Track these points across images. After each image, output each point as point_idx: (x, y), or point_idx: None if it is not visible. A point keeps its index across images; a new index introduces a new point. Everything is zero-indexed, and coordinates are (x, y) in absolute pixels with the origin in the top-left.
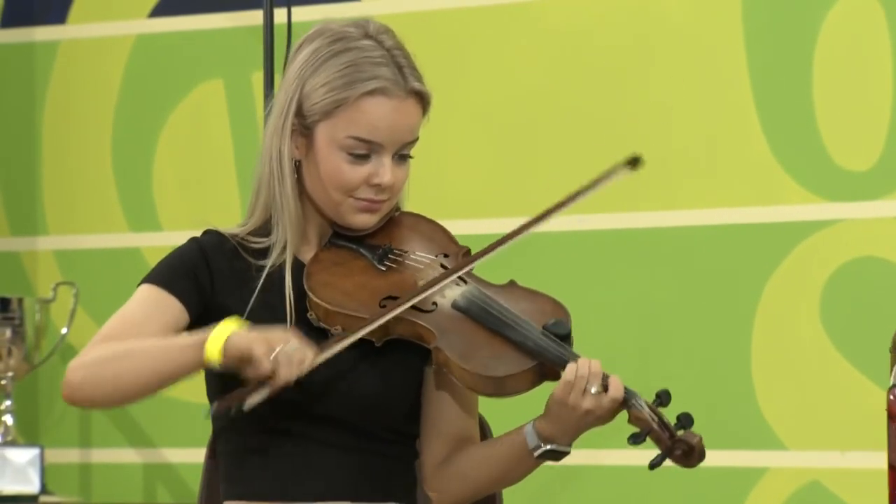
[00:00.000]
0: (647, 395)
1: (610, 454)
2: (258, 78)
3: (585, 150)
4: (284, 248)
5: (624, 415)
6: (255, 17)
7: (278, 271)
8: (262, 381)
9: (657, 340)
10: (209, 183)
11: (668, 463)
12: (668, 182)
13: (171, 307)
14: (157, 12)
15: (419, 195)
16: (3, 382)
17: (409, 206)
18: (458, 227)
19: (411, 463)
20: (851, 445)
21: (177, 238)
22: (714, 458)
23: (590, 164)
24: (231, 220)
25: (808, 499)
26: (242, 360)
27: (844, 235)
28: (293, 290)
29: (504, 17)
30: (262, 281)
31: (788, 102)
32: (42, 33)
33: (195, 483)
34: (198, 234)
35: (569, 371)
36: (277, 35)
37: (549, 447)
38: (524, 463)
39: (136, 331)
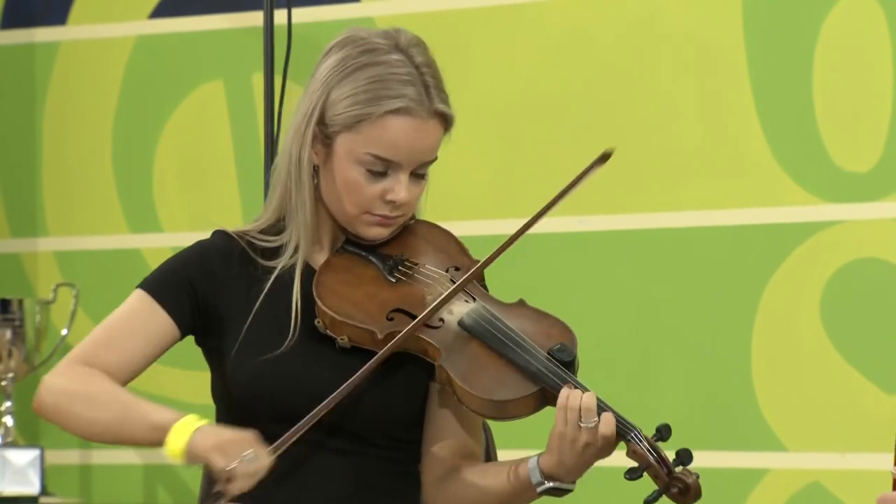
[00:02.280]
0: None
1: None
2: (258, 79)
3: (585, 150)
4: (296, 250)
5: None
6: (256, 18)
7: (288, 274)
8: (214, 497)
9: (657, 341)
10: (209, 184)
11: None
12: (668, 182)
13: (159, 322)
14: (157, 13)
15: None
16: (4, 383)
17: None
18: (459, 228)
19: (412, 467)
20: (852, 447)
21: (177, 239)
22: (714, 459)
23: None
24: (231, 220)
25: (808, 500)
26: (201, 463)
27: (845, 237)
28: (301, 295)
29: (504, 17)
30: (269, 284)
31: (788, 103)
32: (42, 34)
33: (195, 484)
34: (206, 234)
35: (561, 397)
36: (277, 36)
37: (552, 484)
38: (525, 496)
39: (118, 350)
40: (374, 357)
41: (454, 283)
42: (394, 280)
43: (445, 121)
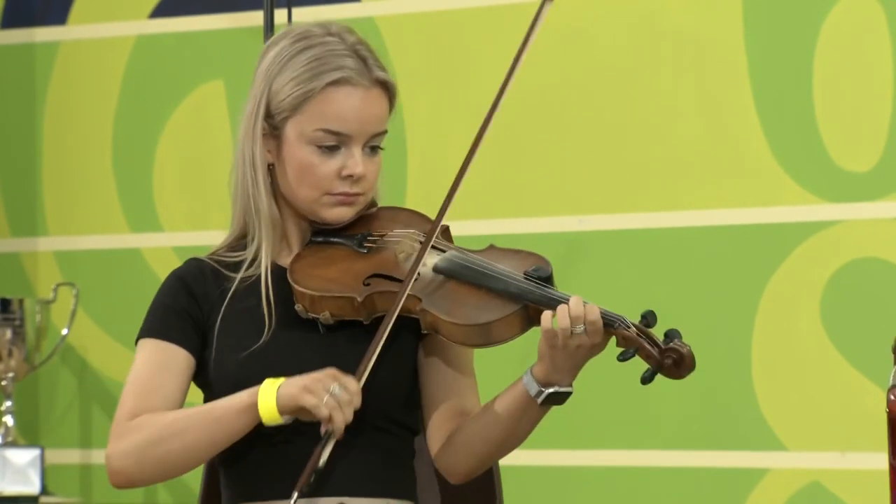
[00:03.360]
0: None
1: (610, 454)
2: None
3: (585, 149)
4: (257, 252)
5: (623, 418)
6: (256, 17)
7: (257, 277)
8: (324, 435)
9: None
10: (209, 183)
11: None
12: (668, 182)
13: (177, 357)
14: (157, 13)
15: (420, 195)
16: (4, 383)
17: (410, 205)
18: (458, 228)
19: (410, 459)
20: (852, 446)
21: (177, 238)
22: (714, 458)
23: (590, 164)
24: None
25: (808, 500)
26: (300, 414)
27: (845, 236)
28: (276, 295)
29: (504, 17)
30: (234, 285)
31: (788, 102)
32: (42, 34)
33: (195, 484)
34: (206, 234)
35: (546, 320)
36: None
37: (551, 390)
38: (529, 414)
39: (159, 395)
40: (381, 323)
41: (422, 240)
42: (364, 251)
43: (388, 90)
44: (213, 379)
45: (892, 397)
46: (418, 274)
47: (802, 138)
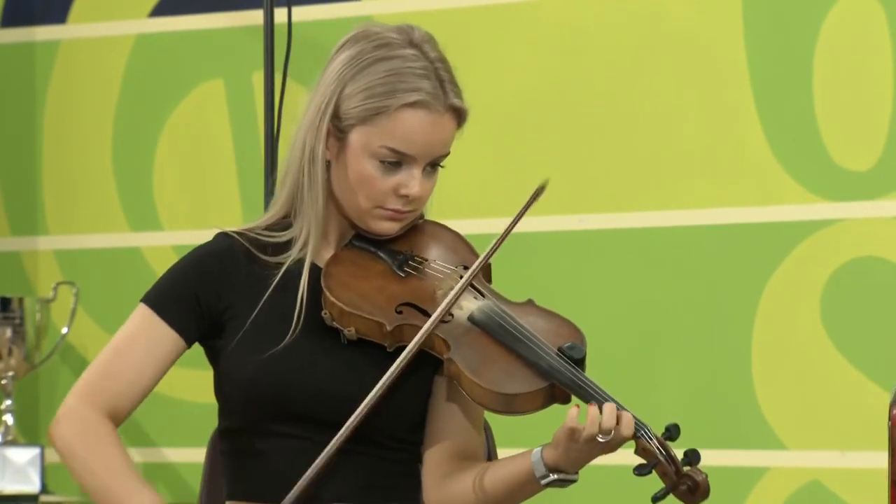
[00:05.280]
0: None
1: (610, 454)
2: (258, 78)
3: (585, 149)
4: (305, 244)
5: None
6: (256, 17)
7: (294, 270)
8: None
9: (657, 340)
10: (209, 183)
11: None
12: (668, 182)
13: (164, 337)
14: (157, 12)
15: None
16: (4, 382)
17: None
18: (457, 227)
19: (415, 468)
20: (851, 445)
21: (177, 237)
22: (714, 457)
23: (590, 163)
24: (231, 220)
25: (808, 499)
26: None
27: (844, 235)
28: (308, 292)
29: (504, 16)
30: (277, 279)
31: (788, 102)
32: (42, 33)
33: (195, 483)
34: (207, 233)
35: (572, 417)
36: (278, 35)
37: (556, 476)
38: (529, 489)
39: (126, 372)
40: (402, 355)
41: (463, 279)
42: (403, 275)
43: (459, 115)
44: (225, 372)
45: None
46: (451, 316)
47: (802, 137)
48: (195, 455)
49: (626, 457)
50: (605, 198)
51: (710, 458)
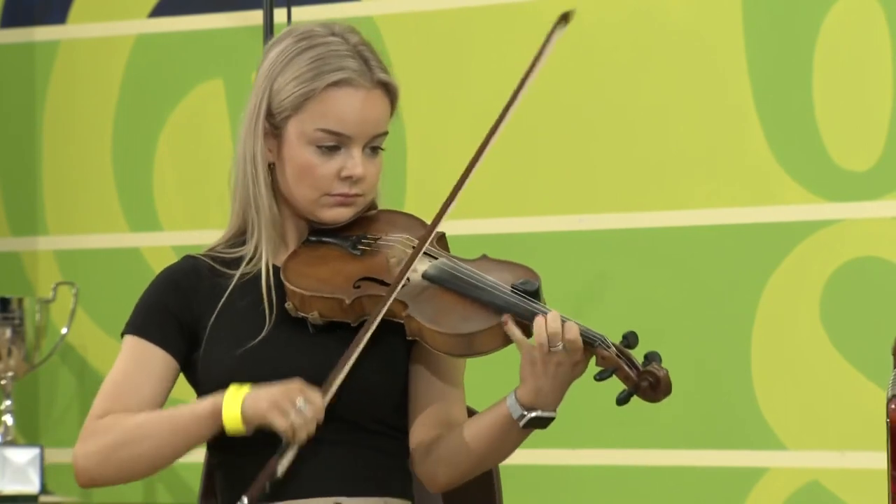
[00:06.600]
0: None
1: (610, 453)
2: None
3: (585, 149)
4: (257, 249)
5: (623, 418)
6: (255, 17)
7: (255, 274)
8: (284, 446)
9: (657, 340)
10: (209, 183)
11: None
12: (668, 182)
13: (156, 359)
14: (157, 12)
15: (419, 196)
16: (3, 382)
17: (409, 206)
18: (458, 227)
19: (404, 458)
20: (851, 445)
21: (177, 238)
22: (714, 458)
23: (589, 164)
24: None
25: (807, 499)
26: (263, 425)
27: (844, 235)
28: (273, 290)
29: (503, 16)
30: (233, 284)
31: (788, 102)
32: (42, 33)
33: (195, 483)
34: (206, 233)
35: (523, 335)
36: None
37: (533, 414)
38: (511, 436)
39: (131, 396)
40: (362, 328)
41: (415, 246)
42: (358, 253)
43: (390, 92)
44: (203, 377)
45: (894, 406)
46: (408, 279)
47: (802, 138)
48: (195, 455)
49: (627, 456)
50: (605, 198)
51: (710, 459)
